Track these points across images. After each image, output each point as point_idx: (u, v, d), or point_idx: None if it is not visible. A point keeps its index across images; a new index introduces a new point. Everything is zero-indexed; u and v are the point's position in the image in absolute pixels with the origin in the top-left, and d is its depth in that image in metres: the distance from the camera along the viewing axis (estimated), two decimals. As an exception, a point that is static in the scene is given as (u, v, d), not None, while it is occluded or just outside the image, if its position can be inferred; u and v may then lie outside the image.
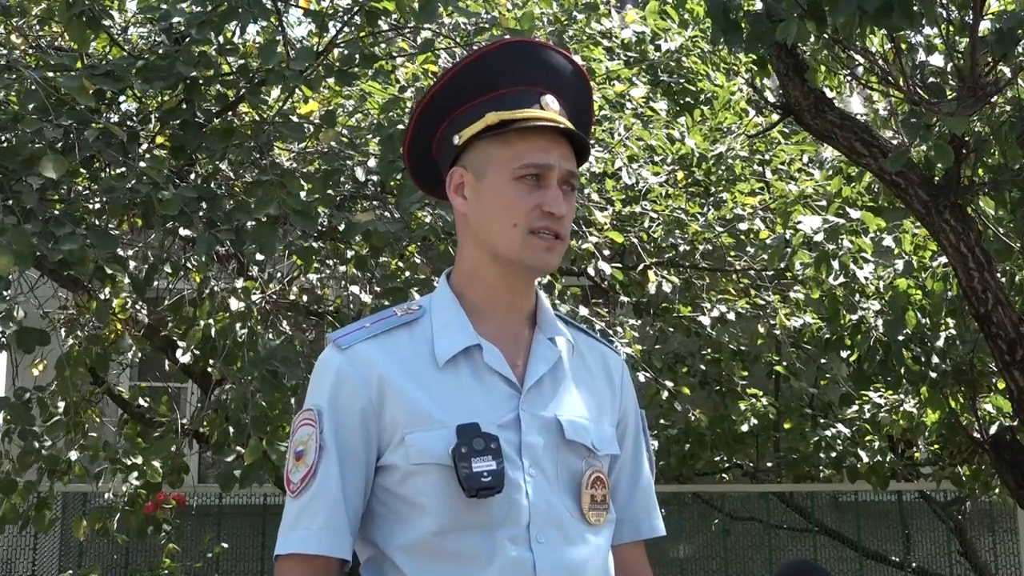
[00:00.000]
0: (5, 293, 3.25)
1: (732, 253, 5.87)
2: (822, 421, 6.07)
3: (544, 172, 1.58)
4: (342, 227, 3.59)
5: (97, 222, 3.58)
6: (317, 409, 1.56)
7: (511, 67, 1.63)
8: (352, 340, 1.58)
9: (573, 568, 1.53)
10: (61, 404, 4.28)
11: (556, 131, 1.60)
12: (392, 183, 3.94)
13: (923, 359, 4.66)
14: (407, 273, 4.11)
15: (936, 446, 5.85)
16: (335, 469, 1.53)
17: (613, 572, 1.64)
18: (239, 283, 3.95)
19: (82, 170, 3.56)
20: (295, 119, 3.92)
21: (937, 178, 3.78)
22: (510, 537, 1.51)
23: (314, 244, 3.99)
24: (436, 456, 1.50)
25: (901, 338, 4.61)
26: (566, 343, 1.66)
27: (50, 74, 3.43)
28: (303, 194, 3.48)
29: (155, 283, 3.91)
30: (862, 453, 5.76)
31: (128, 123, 3.66)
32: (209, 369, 4.13)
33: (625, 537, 1.71)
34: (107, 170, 3.58)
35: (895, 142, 3.86)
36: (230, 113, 3.91)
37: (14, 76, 3.51)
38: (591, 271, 4.72)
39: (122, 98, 3.85)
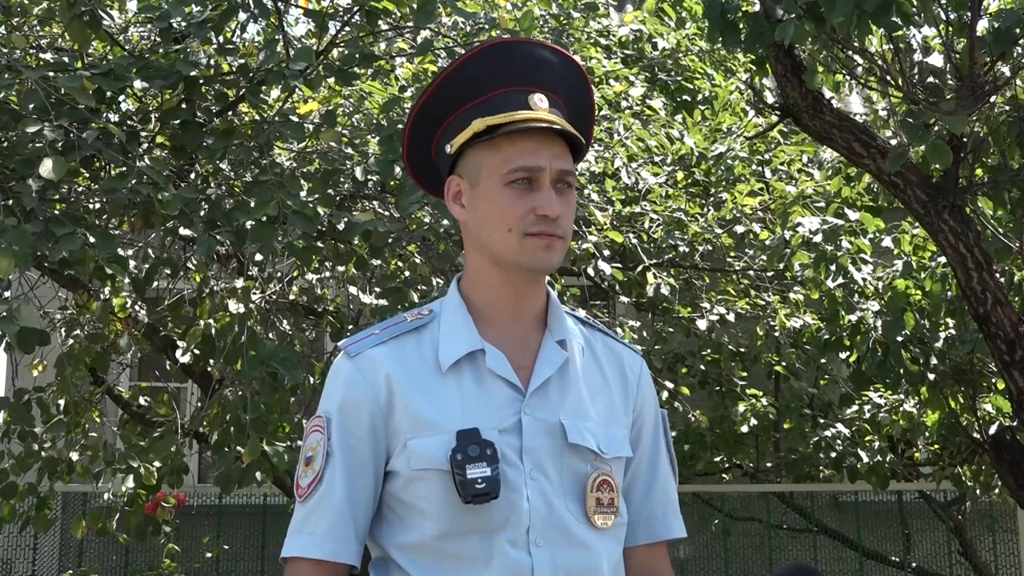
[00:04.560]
0: (6, 293, 3.25)
1: (732, 254, 5.88)
2: (822, 421, 6.07)
3: (535, 175, 1.56)
4: (341, 226, 3.59)
5: (97, 222, 3.58)
6: (326, 416, 1.58)
7: (497, 69, 1.60)
8: (362, 347, 1.59)
9: (573, 571, 1.53)
10: (61, 404, 4.29)
11: (547, 130, 1.57)
12: (392, 183, 3.94)
13: (922, 360, 4.66)
14: (407, 273, 4.11)
15: (936, 446, 5.85)
16: (341, 475, 1.54)
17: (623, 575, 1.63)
18: (239, 283, 3.95)
19: (82, 170, 3.56)
20: (295, 119, 3.92)
21: (936, 178, 3.78)
22: (509, 540, 1.51)
23: (315, 244, 3.99)
24: (436, 461, 1.51)
25: (900, 339, 4.61)
26: (577, 345, 1.65)
27: (50, 74, 3.43)
28: (303, 193, 3.48)
29: (155, 283, 3.91)
30: (862, 453, 5.76)
31: (128, 123, 3.66)
32: (209, 369, 4.14)
33: (640, 539, 1.69)
34: (107, 170, 3.58)
35: (894, 142, 3.86)
36: (230, 113, 3.91)
37: (15, 78, 3.51)
38: (591, 271, 4.73)
39: (122, 98, 3.85)
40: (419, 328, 1.62)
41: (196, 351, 3.98)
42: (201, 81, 3.64)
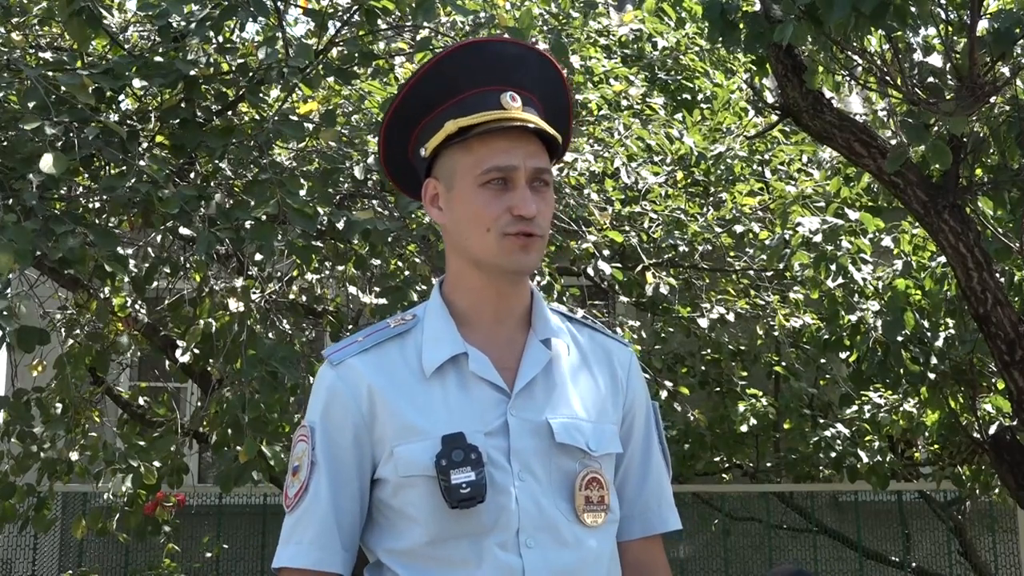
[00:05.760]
0: (7, 291, 3.24)
1: (732, 253, 5.88)
2: (822, 421, 6.08)
3: (509, 174, 1.55)
4: (341, 225, 3.59)
5: (97, 220, 3.58)
6: (311, 426, 1.58)
7: (469, 69, 1.59)
8: (344, 356, 1.60)
9: (565, 571, 1.53)
10: (60, 405, 4.29)
11: (520, 129, 1.56)
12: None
13: (922, 360, 4.66)
14: (407, 272, 4.11)
15: (936, 446, 5.85)
16: (327, 485, 1.55)
17: (619, 572, 1.63)
18: (239, 282, 3.95)
19: (81, 169, 3.56)
20: (295, 118, 3.92)
21: (936, 178, 3.78)
22: (499, 543, 1.51)
23: (315, 243, 3.98)
24: (422, 467, 1.51)
25: (900, 339, 4.61)
26: (563, 343, 1.65)
27: (50, 73, 3.43)
28: (303, 192, 3.48)
29: (155, 282, 3.90)
30: (862, 453, 5.76)
31: (128, 121, 3.66)
32: (209, 369, 4.13)
33: (636, 532, 1.69)
34: (107, 169, 3.58)
35: (894, 142, 3.86)
36: (230, 112, 3.91)
37: (15, 77, 3.51)
38: (591, 271, 4.72)
39: (121, 97, 3.85)
40: (402, 334, 1.62)
41: (196, 351, 3.97)
42: (201, 80, 3.63)
